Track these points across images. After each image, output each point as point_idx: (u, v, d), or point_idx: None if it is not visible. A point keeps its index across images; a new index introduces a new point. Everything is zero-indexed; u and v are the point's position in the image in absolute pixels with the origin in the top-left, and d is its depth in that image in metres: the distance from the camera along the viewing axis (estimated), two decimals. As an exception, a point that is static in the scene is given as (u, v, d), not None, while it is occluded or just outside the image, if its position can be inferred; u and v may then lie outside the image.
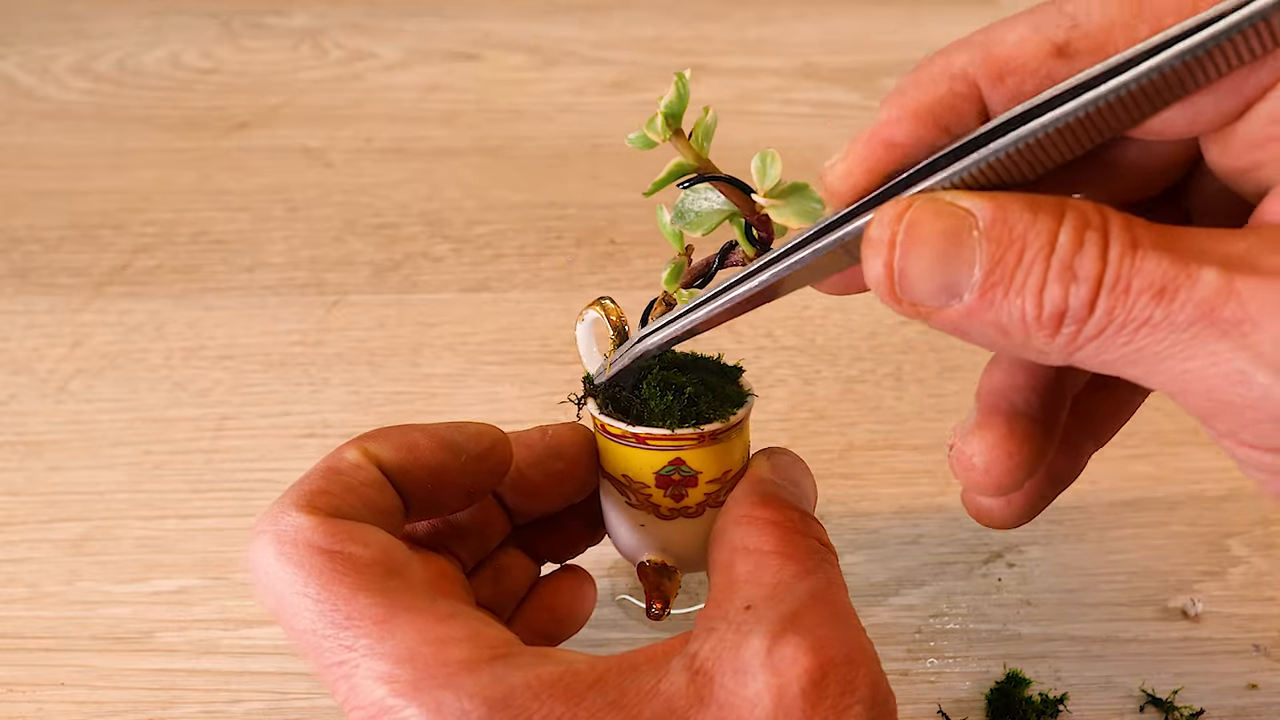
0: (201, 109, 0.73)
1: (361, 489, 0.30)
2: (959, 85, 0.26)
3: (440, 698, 0.25)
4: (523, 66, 0.77)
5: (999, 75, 0.25)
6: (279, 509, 0.29)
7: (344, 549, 0.28)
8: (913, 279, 0.25)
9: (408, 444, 0.31)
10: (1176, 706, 0.39)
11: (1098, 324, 0.23)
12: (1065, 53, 0.24)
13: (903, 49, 0.78)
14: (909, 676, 0.40)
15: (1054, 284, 0.23)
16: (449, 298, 0.58)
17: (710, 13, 0.82)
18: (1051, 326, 0.24)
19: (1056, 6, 0.25)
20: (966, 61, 0.25)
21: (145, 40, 0.79)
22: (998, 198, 0.24)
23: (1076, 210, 0.24)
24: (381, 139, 0.69)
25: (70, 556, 0.45)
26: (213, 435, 0.50)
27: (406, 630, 0.26)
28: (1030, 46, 0.25)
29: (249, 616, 0.43)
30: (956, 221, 0.24)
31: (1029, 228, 0.24)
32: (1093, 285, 0.23)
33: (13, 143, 0.70)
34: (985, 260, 0.24)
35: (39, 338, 0.55)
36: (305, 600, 0.27)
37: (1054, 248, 0.24)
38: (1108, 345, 0.24)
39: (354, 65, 0.77)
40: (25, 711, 0.40)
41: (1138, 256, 0.23)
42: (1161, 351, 0.23)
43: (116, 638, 0.42)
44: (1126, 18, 0.24)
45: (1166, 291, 0.23)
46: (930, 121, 0.26)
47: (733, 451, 0.34)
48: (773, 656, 0.27)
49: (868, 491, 0.47)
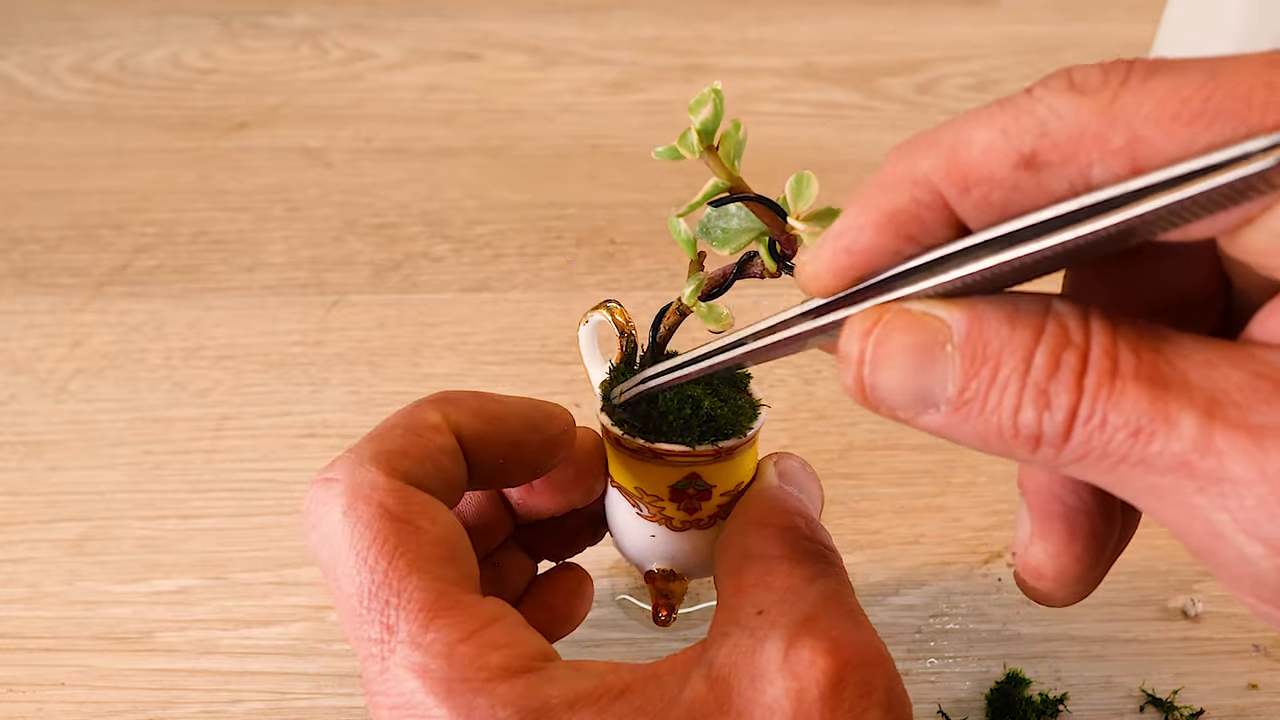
0: (201, 109, 0.73)
1: (438, 455, 0.29)
2: (922, 194, 0.24)
3: (473, 703, 0.25)
4: (523, 66, 0.77)
5: (964, 185, 0.23)
6: (355, 459, 0.28)
7: (415, 521, 0.27)
8: (884, 392, 0.24)
9: (488, 414, 0.31)
10: (1176, 706, 0.39)
11: (1075, 451, 0.22)
12: (1033, 164, 0.22)
13: (903, 49, 0.78)
14: (909, 676, 0.40)
15: (1028, 408, 0.22)
16: (449, 298, 0.58)
17: (710, 13, 0.82)
18: (1029, 446, 0.23)
19: (1028, 108, 0.22)
20: (930, 168, 0.24)
21: (145, 40, 0.79)
22: (975, 307, 0.23)
23: (1058, 324, 0.22)
24: (381, 139, 0.69)
25: (70, 556, 0.45)
26: (213, 435, 0.50)
27: (450, 625, 0.26)
28: (996, 156, 0.23)
29: (249, 616, 0.43)
30: (929, 335, 0.23)
31: (1005, 343, 0.23)
32: (1067, 414, 0.22)
33: (13, 143, 0.70)
34: (958, 376, 0.23)
35: (39, 338, 0.55)
36: (362, 565, 0.26)
37: (1029, 368, 0.22)
38: (1089, 470, 0.22)
39: (354, 65, 0.77)
40: (25, 711, 0.40)
41: (1115, 389, 0.21)
42: (1143, 489, 0.22)
43: (116, 638, 0.42)
44: (1098, 127, 0.21)
45: (1143, 434, 0.21)
46: (892, 230, 0.24)
47: (745, 463, 0.34)
48: (789, 660, 0.27)
49: (868, 491, 0.47)
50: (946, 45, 0.78)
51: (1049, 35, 0.78)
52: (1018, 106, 0.23)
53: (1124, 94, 0.21)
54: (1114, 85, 0.21)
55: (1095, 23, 0.79)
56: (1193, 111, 0.20)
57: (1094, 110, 0.21)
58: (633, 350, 0.35)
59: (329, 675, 0.41)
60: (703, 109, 0.28)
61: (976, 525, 0.45)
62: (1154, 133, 0.21)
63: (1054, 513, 0.28)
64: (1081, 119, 0.22)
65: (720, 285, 0.32)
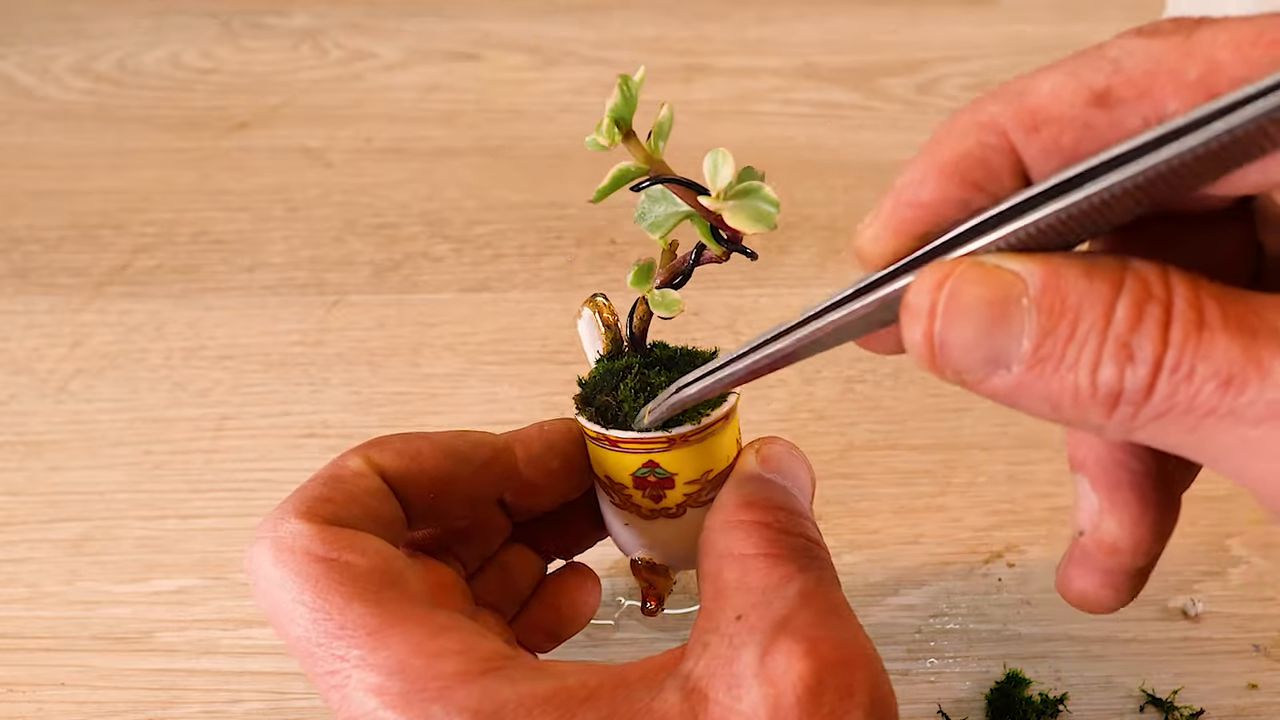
0: (201, 109, 0.73)
1: (363, 497, 0.30)
2: (988, 136, 0.23)
3: (430, 711, 0.25)
4: (523, 66, 0.77)
5: (1033, 125, 0.23)
6: (278, 515, 0.29)
7: (340, 557, 0.28)
8: (955, 350, 0.23)
9: (411, 452, 0.31)
10: (1176, 706, 0.39)
11: (1157, 408, 0.21)
12: (1105, 100, 0.22)
13: (903, 49, 0.78)
14: (909, 676, 0.40)
15: (1109, 363, 0.21)
16: (449, 298, 0.58)
17: (710, 13, 0.82)
18: (1107, 406, 0.22)
19: (1097, 52, 0.22)
20: (997, 111, 0.23)
21: (145, 40, 0.79)
22: (1051, 260, 0.22)
23: (1137, 278, 0.22)
24: (381, 139, 0.69)
25: (70, 556, 0.45)
26: (213, 435, 0.50)
27: (400, 641, 0.26)
28: (1067, 94, 0.22)
29: (249, 616, 0.43)
30: (1003, 288, 0.22)
31: (1083, 296, 0.22)
32: (1151, 367, 0.21)
33: (13, 143, 0.70)
34: (1035, 331, 0.22)
35: (39, 338, 0.55)
36: (300, 608, 0.27)
37: (1110, 321, 0.21)
38: (1169, 429, 0.22)
39: (354, 65, 0.77)
40: (25, 711, 0.40)
41: (1203, 339, 0.21)
42: (1230, 444, 0.21)
43: (116, 638, 0.42)
44: (1173, 60, 0.21)
45: (1235, 382, 0.21)
46: (958, 177, 0.24)
47: (713, 451, 0.33)
48: (765, 666, 0.26)
49: (868, 491, 0.47)
50: (946, 45, 0.78)
51: (1049, 35, 0.78)
52: (1088, 54, 0.22)
53: (1199, 32, 0.21)
54: (1187, 27, 0.22)
55: (1095, 23, 0.79)
56: (1270, 39, 0.20)
57: (1168, 46, 0.21)
58: (619, 342, 0.35)
59: (329, 675, 0.41)
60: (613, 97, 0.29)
61: (976, 525, 0.45)
62: (1232, 58, 0.21)
63: (1122, 482, 0.28)
64: (1155, 53, 0.21)
65: (682, 273, 0.32)
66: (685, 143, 0.69)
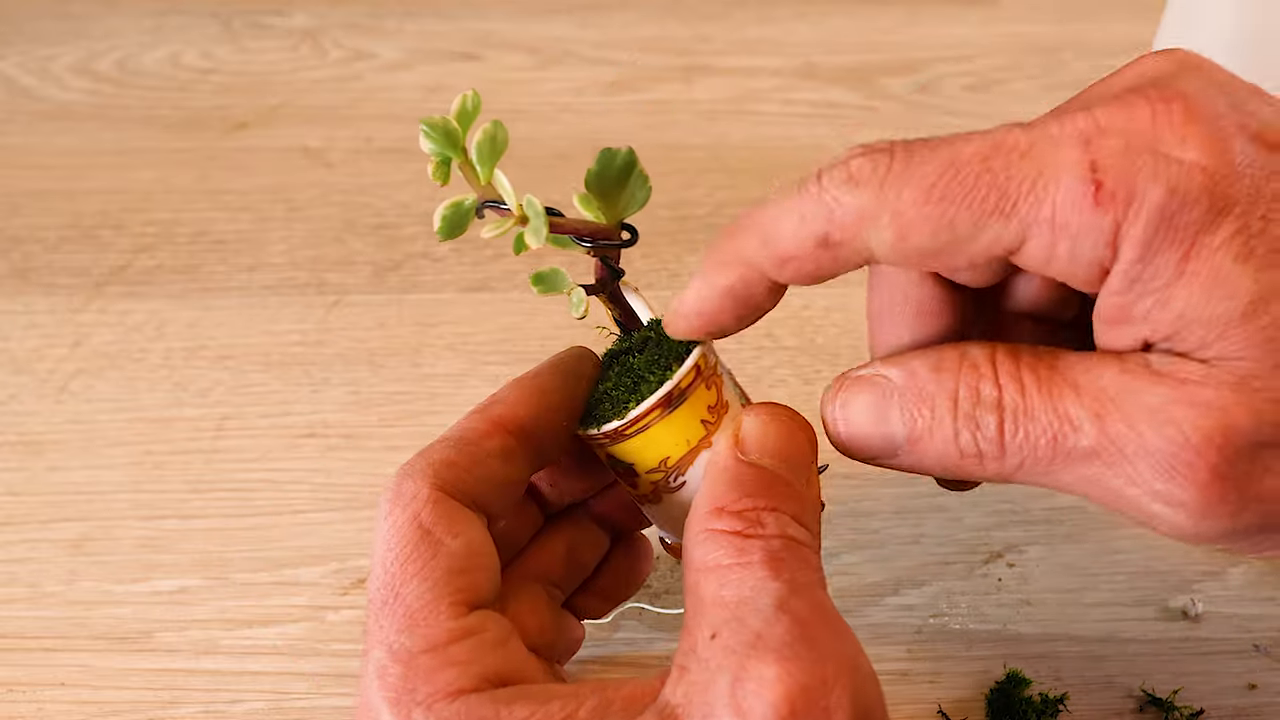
0: (201, 109, 0.73)
1: (486, 461, 0.32)
2: (749, 273, 0.30)
3: (413, 714, 0.27)
4: (523, 66, 0.77)
5: (781, 263, 0.29)
6: (407, 470, 0.31)
7: (435, 532, 0.30)
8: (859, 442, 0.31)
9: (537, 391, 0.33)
10: (1176, 706, 0.39)
11: (1015, 461, 0.28)
12: (827, 244, 0.28)
13: (903, 49, 0.78)
14: (909, 676, 0.40)
15: (964, 432, 0.28)
16: (449, 298, 0.58)
17: (710, 13, 0.82)
18: (975, 462, 0.28)
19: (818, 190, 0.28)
20: (751, 253, 0.29)
21: (145, 40, 0.79)
22: (909, 363, 0.29)
23: (971, 366, 0.28)
24: (381, 139, 0.69)
25: (70, 556, 0.45)
26: (213, 435, 0.50)
27: (424, 633, 0.28)
28: (799, 239, 0.28)
29: (249, 617, 0.43)
30: (880, 390, 0.30)
31: (935, 388, 0.29)
32: (996, 429, 0.28)
33: (13, 143, 0.70)
34: (906, 420, 0.29)
35: (39, 338, 0.55)
36: (381, 565, 0.29)
37: (956, 403, 0.28)
38: (1036, 475, 0.28)
39: (354, 65, 0.77)
40: (25, 711, 0.40)
41: (1026, 410, 0.27)
42: (1078, 484, 0.27)
43: (116, 638, 0.42)
44: (871, 210, 0.27)
45: (1057, 437, 0.27)
46: (729, 300, 0.30)
47: (661, 440, 0.32)
48: (736, 695, 0.26)
49: (868, 491, 0.47)
50: (946, 45, 0.78)
51: (1049, 35, 0.78)
52: (810, 194, 0.28)
53: (888, 180, 0.27)
54: (881, 174, 0.27)
55: (1095, 23, 0.79)
56: (936, 196, 0.26)
57: (866, 197, 0.27)
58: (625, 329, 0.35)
59: (329, 675, 0.41)
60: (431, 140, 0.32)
61: (976, 525, 0.45)
62: (910, 212, 0.27)
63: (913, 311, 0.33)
64: (858, 205, 0.27)
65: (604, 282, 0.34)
66: (686, 142, 0.70)
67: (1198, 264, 0.25)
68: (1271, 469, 0.26)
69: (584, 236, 0.32)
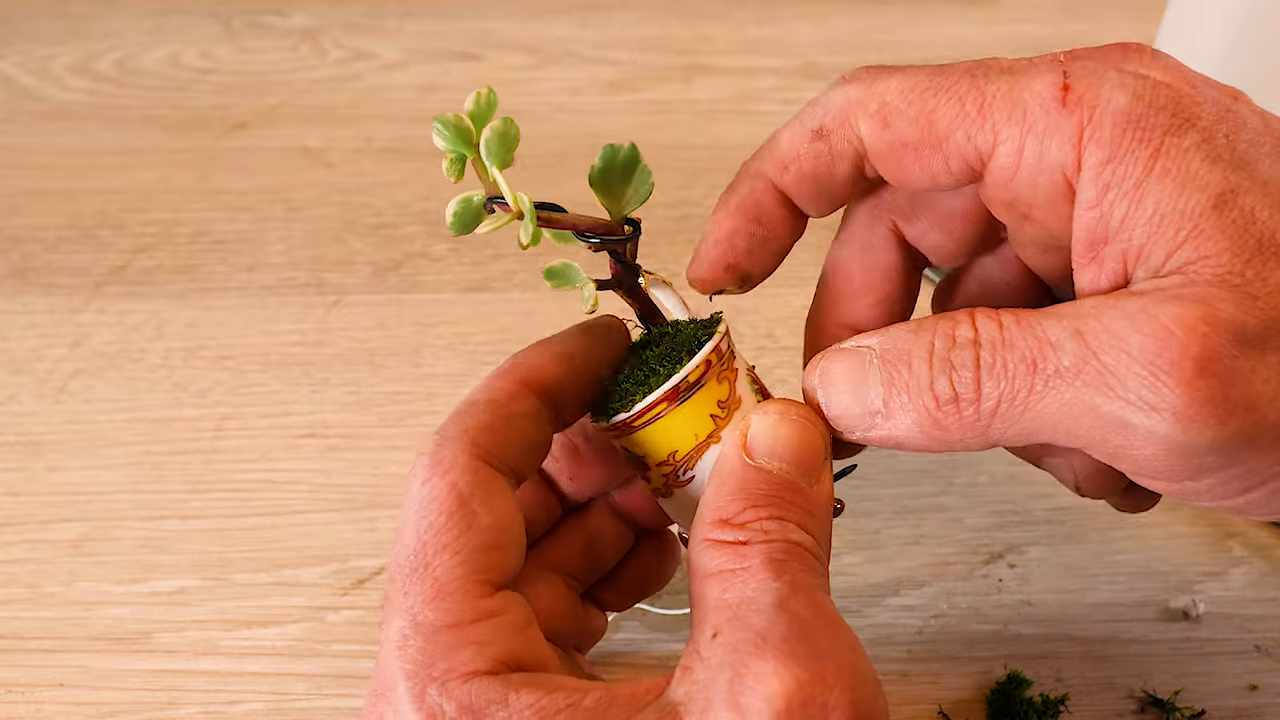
0: (201, 109, 0.73)
1: (518, 422, 0.31)
2: (757, 182, 0.32)
3: (426, 690, 0.27)
4: (522, 66, 0.77)
5: (783, 166, 0.31)
6: (442, 437, 0.30)
7: (469, 503, 0.29)
8: (838, 409, 0.30)
9: (564, 355, 0.33)
10: (1177, 707, 0.39)
11: (991, 400, 0.27)
12: (821, 134, 0.31)
13: (903, 49, 0.77)
14: (909, 677, 0.40)
15: (939, 377, 0.28)
16: (449, 298, 0.57)
17: (710, 13, 0.82)
18: (952, 411, 0.28)
19: (816, 102, 0.31)
20: (759, 163, 0.32)
21: (145, 40, 0.79)
22: (888, 331, 0.30)
23: (947, 318, 0.29)
24: (381, 139, 0.69)
25: (69, 557, 0.45)
26: (212, 435, 0.50)
27: (448, 608, 0.28)
28: (797, 137, 0.31)
29: (248, 617, 0.43)
30: (858, 358, 0.30)
31: (911, 344, 0.29)
32: (973, 369, 0.28)
33: (12, 143, 0.70)
34: (883, 379, 0.29)
35: (38, 338, 0.55)
36: (413, 532, 0.29)
37: (932, 350, 0.28)
38: (1011, 418, 0.27)
39: (353, 65, 0.77)
40: (24, 712, 0.40)
41: (1005, 339, 0.27)
42: (1058, 414, 0.27)
43: (115, 638, 0.42)
44: (860, 98, 0.30)
45: (1037, 364, 0.27)
46: (741, 214, 0.32)
47: (667, 434, 0.32)
48: (734, 691, 0.26)
49: (868, 492, 0.47)
50: (946, 45, 0.78)
51: (1049, 35, 0.78)
52: (812, 103, 0.31)
53: (879, 76, 0.30)
54: (873, 74, 0.30)
55: (1096, 23, 0.79)
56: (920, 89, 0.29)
57: (858, 89, 0.30)
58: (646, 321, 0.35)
59: (328, 676, 0.41)
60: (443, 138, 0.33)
61: (976, 525, 0.45)
62: (896, 100, 0.29)
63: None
64: (849, 94, 0.30)
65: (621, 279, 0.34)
66: (686, 142, 0.70)
67: (1168, 161, 0.26)
68: (1258, 370, 0.25)
69: (584, 232, 0.33)
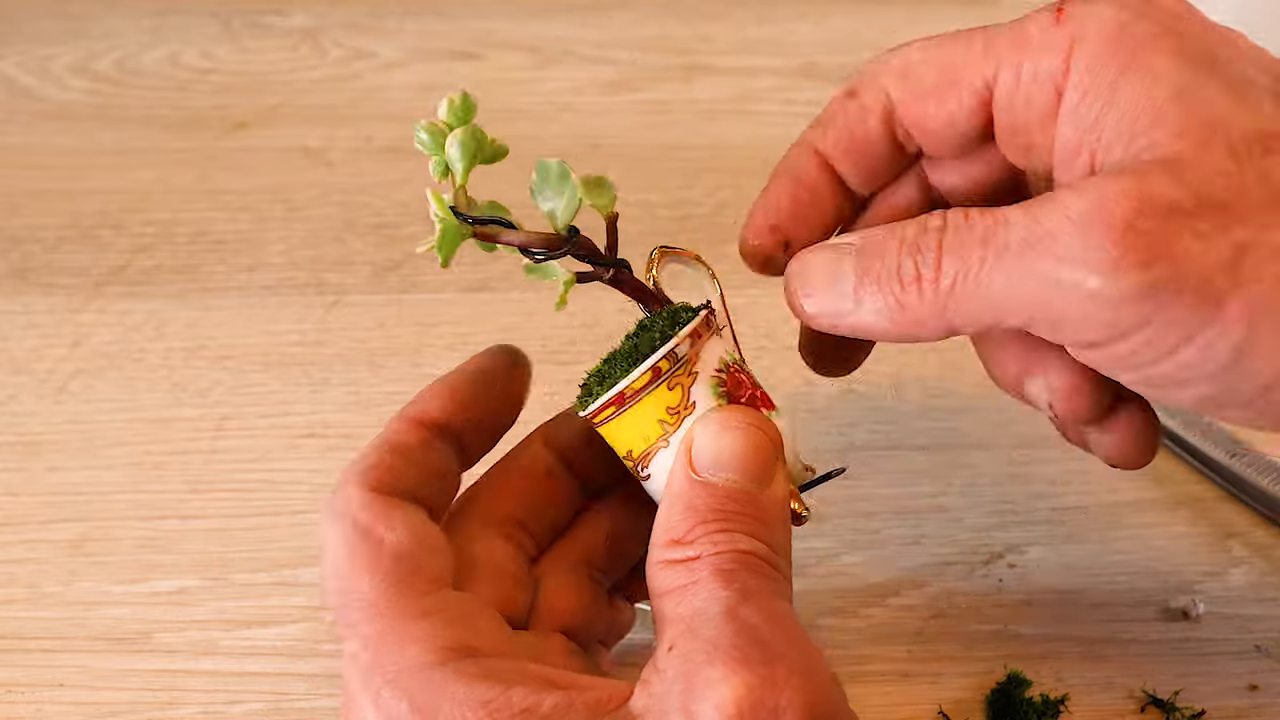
0: (201, 109, 0.72)
1: (410, 454, 0.33)
2: (802, 149, 0.35)
3: (381, 692, 0.28)
4: (522, 66, 0.77)
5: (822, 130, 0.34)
6: (339, 482, 0.32)
7: (375, 530, 0.30)
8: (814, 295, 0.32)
9: (446, 391, 0.34)
10: (1178, 707, 0.39)
11: (949, 277, 0.29)
12: (854, 94, 0.34)
13: (903, 49, 0.77)
14: (909, 677, 0.40)
15: (905, 260, 0.30)
16: (449, 298, 0.57)
17: (710, 12, 0.82)
18: (914, 289, 0.29)
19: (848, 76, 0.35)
20: (806, 133, 0.35)
21: (145, 40, 0.79)
22: (870, 229, 0.31)
23: (922, 216, 0.30)
24: (381, 138, 0.69)
25: (69, 557, 0.45)
26: (212, 435, 0.50)
27: (386, 618, 0.29)
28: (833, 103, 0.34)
29: (248, 617, 0.43)
30: (837, 251, 0.32)
31: (885, 235, 0.31)
32: (935, 250, 0.29)
33: (12, 143, 0.70)
34: (857, 265, 0.31)
35: (38, 338, 0.55)
36: (332, 573, 0.31)
37: (902, 240, 0.30)
38: (965, 295, 0.29)
39: (353, 65, 0.77)
40: (24, 712, 0.40)
41: (968, 221, 0.29)
42: (1006, 287, 0.28)
43: (115, 638, 0.42)
44: (885, 58, 0.34)
45: (989, 236, 0.28)
46: (785, 175, 0.35)
47: (621, 434, 0.33)
48: (686, 702, 0.26)
49: (868, 492, 0.47)
50: (947, 45, 0.78)
51: (1049, 35, 0.78)
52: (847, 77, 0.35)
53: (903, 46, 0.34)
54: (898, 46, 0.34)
55: (1096, 22, 0.79)
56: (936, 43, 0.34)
57: (884, 54, 0.34)
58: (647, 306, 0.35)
59: (328, 676, 0.41)
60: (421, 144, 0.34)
61: (977, 525, 0.45)
62: (916, 55, 0.33)
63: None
64: (877, 60, 0.34)
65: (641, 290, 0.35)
66: (686, 142, 0.70)
67: (1141, 60, 0.29)
68: (1183, 234, 0.27)
69: (522, 247, 0.35)
